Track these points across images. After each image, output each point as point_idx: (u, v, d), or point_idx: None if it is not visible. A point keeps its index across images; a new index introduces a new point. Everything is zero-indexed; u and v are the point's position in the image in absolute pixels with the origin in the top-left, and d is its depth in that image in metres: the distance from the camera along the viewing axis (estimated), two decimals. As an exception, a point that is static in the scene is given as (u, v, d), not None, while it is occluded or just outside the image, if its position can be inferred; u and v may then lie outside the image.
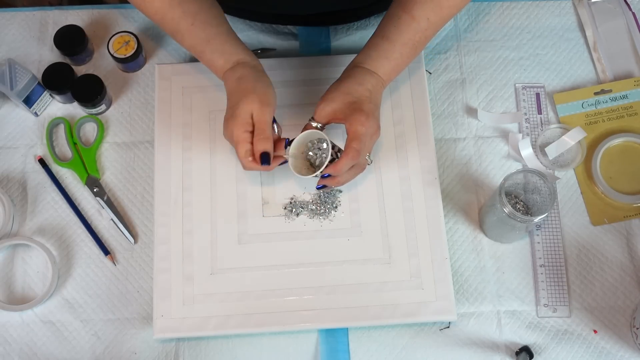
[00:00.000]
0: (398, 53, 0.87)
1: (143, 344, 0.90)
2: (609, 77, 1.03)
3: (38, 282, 0.93)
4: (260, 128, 0.83)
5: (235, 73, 0.85)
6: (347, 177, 0.87)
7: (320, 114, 0.86)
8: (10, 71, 0.96)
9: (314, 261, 0.91)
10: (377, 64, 0.87)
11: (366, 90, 0.86)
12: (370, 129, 0.84)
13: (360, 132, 0.83)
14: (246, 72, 0.85)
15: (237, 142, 0.83)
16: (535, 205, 0.91)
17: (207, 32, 0.85)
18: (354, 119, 0.83)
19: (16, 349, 0.90)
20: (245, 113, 0.83)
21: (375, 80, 0.87)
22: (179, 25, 0.85)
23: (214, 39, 0.86)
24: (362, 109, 0.84)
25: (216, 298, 0.89)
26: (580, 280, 0.93)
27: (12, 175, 0.98)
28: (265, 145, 0.83)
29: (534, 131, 1.00)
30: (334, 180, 0.86)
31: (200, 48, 0.86)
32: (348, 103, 0.85)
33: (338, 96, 0.85)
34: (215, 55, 0.86)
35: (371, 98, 0.86)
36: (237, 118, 0.83)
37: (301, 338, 0.90)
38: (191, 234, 0.92)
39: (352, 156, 0.83)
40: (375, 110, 0.86)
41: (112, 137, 1.00)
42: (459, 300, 0.92)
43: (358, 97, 0.85)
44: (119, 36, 1.01)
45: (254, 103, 0.83)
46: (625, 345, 0.90)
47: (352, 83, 0.86)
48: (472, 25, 1.07)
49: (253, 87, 0.84)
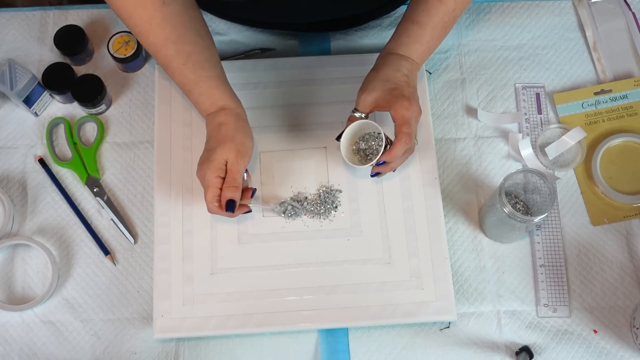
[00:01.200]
0: (429, 36, 0.88)
1: (143, 344, 0.90)
2: (609, 77, 1.03)
3: (38, 282, 0.93)
4: (232, 177, 0.84)
5: (217, 118, 0.86)
6: (400, 162, 0.89)
7: (363, 104, 0.87)
8: (10, 71, 0.96)
9: (314, 261, 0.91)
10: (409, 49, 0.88)
11: (403, 75, 0.87)
12: (414, 112, 0.86)
13: (407, 116, 0.85)
14: (228, 119, 0.86)
15: (208, 185, 0.84)
16: (535, 205, 0.91)
17: (197, 74, 0.85)
18: (399, 105, 0.85)
19: (16, 349, 0.90)
20: (221, 159, 0.84)
21: (410, 65, 0.88)
22: (171, 63, 0.85)
23: (203, 82, 0.86)
24: (403, 94, 0.85)
25: (216, 298, 0.89)
26: (580, 280, 0.93)
27: (12, 175, 0.98)
28: (234, 194, 0.84)
29: (534, 131, 1.00)
30: (388, 167, 0.88)
31: (188, 87, 0.86)
32: (389, 90, 0.86)
33: (378, 85, 0.87)
34: (202, 98, 0.86)
35: (409, 82, 0.87)
36: (212, 162, 0.84)
37: (301, 338, 0.90)
38: (191, 234, 0.92)
39: (405, 140, 0.85)
40: (415, 93, 0.88)
41: (112, 137, 1.00)
42: (459, 300, 0.92)
43: (397, 82, 0.86)
44: (119, 36, 1.01)
45: (230, 151, 0.84)
46: (625, 345, 0.90)
47: (389, 70, 0.87)
48: (472, 25, 1.07)
49: (232, 136, 0.85)
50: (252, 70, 1.00)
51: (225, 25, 1.06)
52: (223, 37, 1.06)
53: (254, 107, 0.98)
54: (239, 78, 0.99)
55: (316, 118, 0.93)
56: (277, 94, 0.99)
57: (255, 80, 1.00)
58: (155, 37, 0.83)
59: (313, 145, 0.96)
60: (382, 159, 0.86)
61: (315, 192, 0.94)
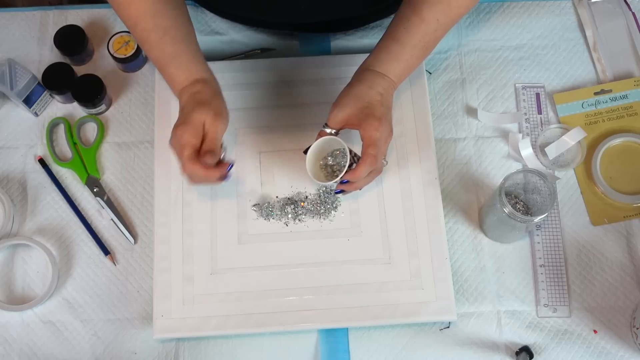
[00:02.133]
0: (408, 55, 0.87)
1: (143, 344, 0.90)
2: (609, 77, 1.03)
3: (38, 282, 0.93)
4: (209, 137, 0.81)
5: (193, 88, 0.84)
6: (365, 182, 0.87)
7: (334, 120, 0.86)
8: (10, 71, 0.96)
9: (314, 261, 0.91)
10: (387, 67, 0.87)
11: (377, 93, 0.85)
12: (384, 133, 0.84)
13: (375, 137, 0.83)
14: (205, 88, 0.84)
15: (185, 144, 0.80)
16: (535, 205, 0.91)
17: (175, 48, 0.84)
18: (368, 125, 0.83)
19: (16, 349, 0.90)
20: (198, 121, 0.81)
21: (386, 83, 0.86)
22: (148, 36, 0.84)
23: (180, 56, 0.85)
24: (374, 114, 0.84)
25: (216, 298, 0.89)
26: (580, 280, 0.93)
27: (12, 175, 0.98)
28: (211, 161, 0.81)
29: (534, 131, 1.00)
30: (353, 186, 0.86)
31: (164, 61, 0.85)
32: (361, 108, 0.84)
33: (350, 101, 0.85)
34: (179, 71, 0.85)
35: (382, 101, 0.85)
36: (188, 124, 0.81)
37: (301, 338, 0.90)
38: (191, 234, 0.92)
39: (369, 162, 0.83)
40: (387, 114, 0.86)
41: (112, 137, 1.00)
42: (459, 300, 0.92)
43: (370, 101, 0.85)
44: (119, 36, 1.01)
45: (208, 114, 0.81)
46: (625, 345, 0.90)
47: (363, 87, 0.86)
48: (472, 25, 1.07)
49: (209, 101, 0.82)
50: (252, 70, 1.00)
51: (226, 25, 1.06)
52: (223, 37, 1.06)
53: (254, 107, 0.99)
54: (239, 78, 0.99)
55: (316, 118, 0.93)
56: (277, 94, 0.99)
57: (255, 80, 1.00)
58: (135, 10, 0.83)
59: (313, 145, 0.96)
60: (345, 178, 0.85)
61: (315, 192, 0.94)
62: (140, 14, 0.84)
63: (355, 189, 0.88)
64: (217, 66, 0.92)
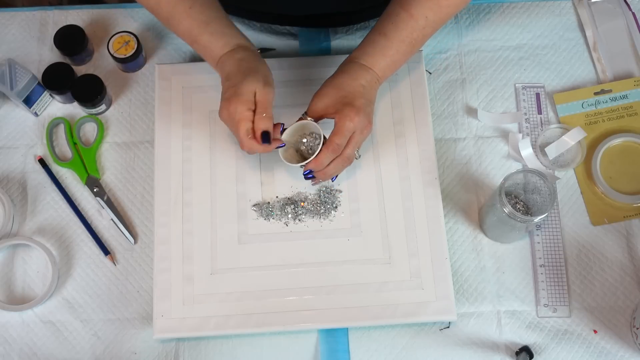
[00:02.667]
0: (394, 50, 0.87)
1: (143, 344, 0.90)
2: (609, 77, 1.03)
3: (38, 282, 0.93)
4: (263, 107, 0.83)
5: (236, 54, 0.84)
6: (332, 170, 0.87)
7: (313, 108, 0.86)
8: (10, 71, 0.96)
9: (314, 261, 0.91)
10: (372, 60, 0.87)
11: (359, 85, 0.85)
12: (359, 124, 0.84)
13: (346, 127, 0.83)
14: (247, 54, 0.85)
15: (240, 119, 0.82)
16: (535, 205, 0.91)
17: (205, 14, 0.84)
18: (343, 114, 0.83)
19: (16, 349, 0.90)
20: (249, 91, 0.82)
21: (370, 76, 0.86)
22: (175, 8, 0.84)
23: (213, 22, 0.85)
24: (353, 103, 0.84)
25: (216, 298, 0.89)
26: (580, 280, 0.93)
27: (12, 175, 0.98)
28: (268, 124, 0.83)
29: (534, 131, 1.00)
30: (320, 173, 0.87)
31: (197, 31, 0.85)
32: (340, 97, 0.85)
33: (330, 91, 0.86)
34: (215, 37, 0.85)
35: (364, 93, 0.85)
36: (240, 96, 0.82)
37: (301, 338, 0.90)
38: (191, 234, 0.92)
39: (332, 149, 0.84)
40: (367, 106, 0.85)
41: (112, 137, 1.00)
42: (459, 300, 0.92)
43: (350, 91, 0.85)
44: (119, 36, 1.01)
45: (258, 82, 0.82)
46: (625, 345, 0.90)
47: (345, 78, 0.86)
48: (472, 25, 1.07)
49: (256, 67, 0.83)
50: (252, 70, 1.00)
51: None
52: (223, 37, 1.05)
53: (254, 107, 0.99)
54: (239, 78, 0.99)
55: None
56: (277, 94, 0.99)
57: (255, 80, 1.00)
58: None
59: (313, 145, 0.96)
60: (308, 166, 0.85)
61: (315, 192, 0.94)
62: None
63: (323, 175, 0.87)
64: (217, 66, 0.92)
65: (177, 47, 1.05)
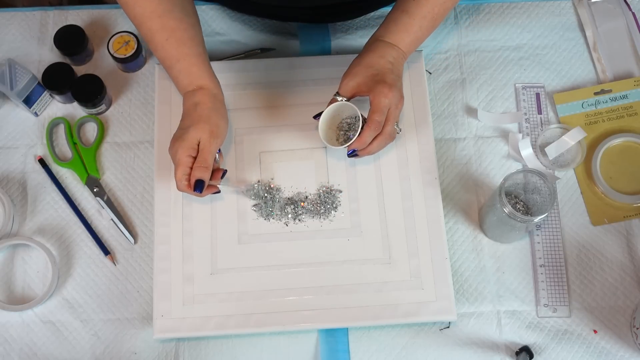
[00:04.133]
0: (417, 26, 0.89)
1: (143, 344, 0.90)
2: (609, 77, 1.03)
3: (38, 282, 0.93)
4: (203, 157, 0.85)
5: (194, 97, 0.87)
6: (377, 147, 0.89)
7: (345, 88, 0.88)
8: (10, 71, 0.96)
9: (314, 261, 0.91)
10: (397, 37, 0.89)
11: (388, 62, 0.88)
12: (394, 99, 0.86)
13: (383, 103, 0.85)
14: (205, 99, 0.87)
15: (179, 163, 0.85)
16: (535, 205, 0.91)
17: (178, 51, 0.86)
18: (378, 91, 0.85)
19: (16, 349, 0.90)
20: (193, 139, 0.85)
21: (396, 53, 0.89)
22: (154, 37, 0.86)
23: (183, 60, 0.86)
24: (384, 80, 0.86)
25: (216, 298, 0.89)
26: (580, 280, 0.93)
27: (12, 175, 0.98)
28: (203, 174, 0.85)
29: (534, 131, 1.00)
30: (365, 150, 0.88)
31: (169, 63, 0.87)
32: (371, 75, 0.87)
33: (361, 70, 0.87)
34: (182, 75, 0.87)
35: (393, 69, 0.88)
36: (184, 141, 0.85)
37: (301, 338, 0.90)
38: (191, 234, 0.92)
39: (374, 127, 0.86)
40: (398, 81, 0.88)
41: (112, 137, 1.00)
42: (459, 300, 0.92)
43: (380, 69, 0.87)
44: (119, 36, 1.01)
45: (204, 132, 0.85)
46: (625, 345, 0.90)
47: (373, 56, 0.88)
48: (472, 25, 1.07)
49: (207, 117, 0.85)
50: (252, 70, 1.00)
51: (225, 25, 1.06)
52: (223, 37, 1.06)
53: (254, 107, 0.99)
54: (239, 78, 0.99)
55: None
56: (277, 94, 0.99)
57: (255, 80, 1.00)
58: (142, 9, 0.84)
59: (313, 145, 0.96)
60: (352, 146, 0.87)
61: (315, 192, 0.94)
62: (147, 14, 0.85)
63: (367, 153, 0.89)
64: (217, 66, 0.92)
65: (177, 47, 1.05)
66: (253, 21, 1.07)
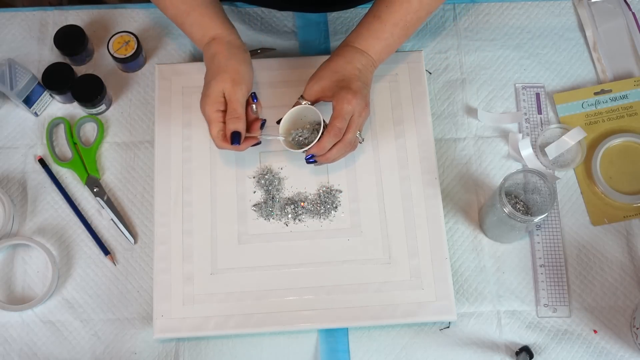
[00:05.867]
0: (389, 33, 0.87)
1: (143, 344, 0.90)
2: (609, 77, 1.03)
3: (38, 282, 0.93)
4: (232, 107, 0.84)
5: (210, 49, 0.86)
6: (336, 154, 0.87)
7: (309, 92, 0.87)
8: (10, 71, 0.96)
9: (314, 261, 0.91)
10: (367, 44, 0.88)
11: (355, 68, 0.86)
12: (357, 107, 0.84)
13: (345, 110, 0.84)
14: (220, 48, 0.86)
15: (209, 121, 0.84)
16: (535, 205, 0.91)
17: (187, 4, 0.86)
18: (341, 97, 0.84)
19: (16, 349, 0.90)
20: (217, 92, 0.84)
21: (366, 60, 0.87)
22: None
23: (193, 11, 0.86)
24: (349, 87, 0.84)
25: (216, 298, 0.89)
26: (580, 280, 0.93)
27: (12, 175, 0.98)
28: (237, 126, 0.84)
29: (534, 131, 1.00)
30: (323, 157, 0.87)
31: (180, 19, 0.87)
32: (336, 81, 0.86)
33: (327, 74, 0.87)
34: (194, 28, 0.87)
35: (360, 76, 0.86)
36: (208, 97, 0.84)
37: (301, 338, 0.90)
38: (191, 234, 0.92)
39: (334, 134, 0.84)
40: (364, 89, 0.86)
41: (112, 137, 1.00)
42: (459, 300, 0.92)
43: (346, 75, 0.86)
44: (119, 36, 1.01)
45: (225, 82, 0.84)
46: (625, 345, 0.90)
47: (341, 61, 0.87)
48: (472, 25, 1.07)
49: (225, 66, 0.85)
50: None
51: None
52: (223, 37, 1.05)
53: (254, 107, 0.99)
54: (239, 78, 0.99)
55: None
56: (277, 94, 0.99)
57: (255, 80, 1.00)
58: None
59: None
60: (310, 151, 0.86)
61: (315, 192, 0.94)
62: None
63: (327, 160, 0.88)
64: (217, 66, 0.92)
65: (177, 47, 1.05)
66: (253, 21, 1.07)
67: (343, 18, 1.07)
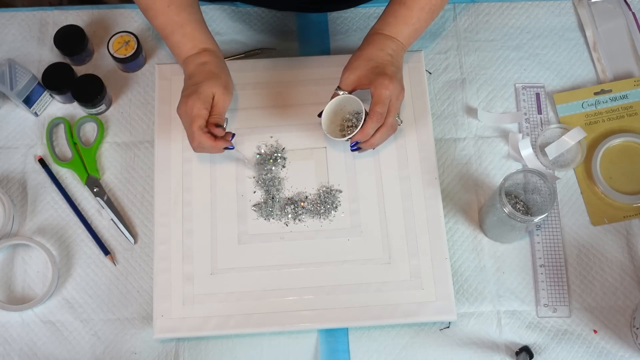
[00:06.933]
0: (416, 18, 0.90)
1: (143, 344, 0.90)
2: (609, 77, 1.03)
3: (38, 282, 0.93)
4: (218, 111, 0.87)
5: (200, 58, 0.89)
6: (379, 139, 0.89)
7: (346, 82, 0.89)
8: (10, 71, 0.96)
9: (314, 261, 0.91)
10: (395, 30, 0.90)
11: (387, 55, 0.88)
12: (394, 91, 0.87)
13: (384, 95, 0.86)
14: (212, 59, 0.89)
15: (196, 115, 0.85)
16: (535, 205, 0.91)
17: (180, 16, 0.88)
18: (378, 83, 0.86)
19: (16, 349, 0.90)
20: (209, 92, 0.86)
21: (395, 45, 0.89)
22: (154, 4, 0.88)
23: (186, 24, 0.89)
24: (385, 72, 0.87)
25: (216, 298, 0.89)
26: (580, 280, 0.93)
27: (12, 175, 0.98)
28: (220, 121, 0.86)
29: (534, 131, 1.00)
30: (367, 143, 0.89)
31: (170, 30, 0.89)
32: (371, 68, 0.87)
33: (361, 63, 0.88)
34: (185, 40, 0.89)
35: (393, 61, 0.89)
36: (200, 94, 0.85)
37: (301, 338, 0.90)
38: (191, 234, 0.92)
39: (376, 119, 0.86)
40: (398, 73, 0.89)
41: (112, 137, 1.00)
42: (459, 300, 0.92)
43: (380, 62, 0.88)
44: (119, 36, 1.01)
45: (218, 87, 0.86)
46: (625, 345, 0.90)
47: (373, 49, 0.89)
48: (472, 25, 1.07)
49: (218, 73, 0.87)
50: (252, 70, 1.00)
51: (225, 25, 1.06)
52: (223, 37, 1.06)
53: (253, 107, 0.99)
54: (239, 78, 0.99)
55: (316, 118, 0.93)
56: (277, 94, 0.99)
57: (255, 80, 1.00)
58: None
59: (313, 145, 0.96)
60: (355, 138, 0.88)
61: (315, 192, 0.94)
62: None
63: (370, 146, 0.90)
64: (217, 66, 0.92)
65: (177, 47, 1.05)
66: (253, 21, 1.07)
67: (343, 18, 1.07)
